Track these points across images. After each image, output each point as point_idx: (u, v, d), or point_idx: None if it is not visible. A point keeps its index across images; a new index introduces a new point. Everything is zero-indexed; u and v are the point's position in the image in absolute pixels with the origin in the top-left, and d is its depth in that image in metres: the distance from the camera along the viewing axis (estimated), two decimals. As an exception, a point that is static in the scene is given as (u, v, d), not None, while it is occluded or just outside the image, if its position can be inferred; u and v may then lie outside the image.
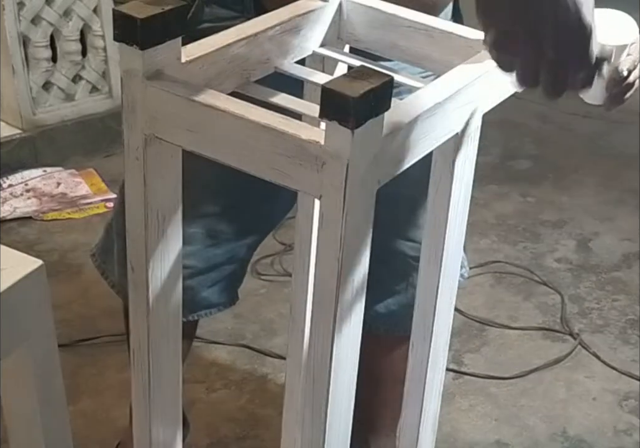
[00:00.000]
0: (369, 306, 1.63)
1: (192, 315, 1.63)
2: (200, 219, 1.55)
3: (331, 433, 1.16)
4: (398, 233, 1.59)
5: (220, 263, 1.61)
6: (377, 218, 1.06)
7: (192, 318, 1.64)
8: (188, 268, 1.55)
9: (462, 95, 1.10)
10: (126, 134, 1.09)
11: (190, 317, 1.63)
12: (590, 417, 2.16)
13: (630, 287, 2.58)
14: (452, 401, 2.17)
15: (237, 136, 1.00)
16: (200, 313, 1.65)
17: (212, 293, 1.63)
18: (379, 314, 1.67)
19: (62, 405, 1.18)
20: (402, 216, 1.57)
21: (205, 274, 1.60)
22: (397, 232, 1.59)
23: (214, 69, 1.12)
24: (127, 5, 1.01)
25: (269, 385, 2.19)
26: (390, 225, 1.53)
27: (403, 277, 1.63)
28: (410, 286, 1.59)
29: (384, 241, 1.50)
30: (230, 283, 1.65)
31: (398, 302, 1.65)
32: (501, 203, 2.94)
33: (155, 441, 1.32)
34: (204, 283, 1.61)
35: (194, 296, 1.60)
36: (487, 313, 2.46)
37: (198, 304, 1.63)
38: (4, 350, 1.03)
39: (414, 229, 1.58)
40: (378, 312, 1.67)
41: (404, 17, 1.23)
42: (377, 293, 1.57)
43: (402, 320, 1.51)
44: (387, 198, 1.17)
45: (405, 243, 1.60)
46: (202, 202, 1.53)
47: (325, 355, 1.09)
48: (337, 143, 0.94)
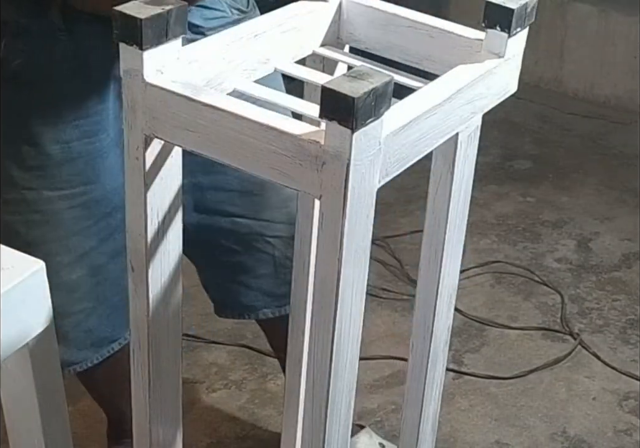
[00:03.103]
0: (249, 295, 1.66)
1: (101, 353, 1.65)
2: (79, 262, 1.54)
3: (331, 433, 1.16)
4: (254, 216, 1.59)
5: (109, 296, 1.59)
6: (229, 207, 1.04)
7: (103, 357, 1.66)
8: (81, 312, 1.57)
9: (462, 95, 1.10)
10: (126, 134, 1.09)
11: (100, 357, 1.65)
12: (590, 417, 2.16)
13: (630, 287, 2.58)
14: (452, 401, 2.17)
15: (237, 136, 1.00)
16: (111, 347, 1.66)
17: (113, 327, 1.64)
18: (257, 299, 1.69)
19: (62, 405, 1.18)
20: (251, 197, 1.58)
21: (99, 310, 1.60)
22: (253, 215, 1.59)
23: (214, 69, 1.12)
24: (127, 5, 1.01)
25: (269, 385, 2.19)
26: (240, 208, 1.56)
27: (267, 260, 1.63)
28: (279, 266, 1.60)
29: (237, 225, 1.56)
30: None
31: (272, 284, 1.66)
32: (501, 203, 2.94)
33: (155, 441, 1.32)
34: (99, 321, 1.61)
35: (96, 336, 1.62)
36: (487, 313, 2.46)
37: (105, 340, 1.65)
38: (4, 350, 1.03)
39: (265, 210, 1.58)
40: (257, 298, 1.68)
41: (404, 17, 1.23)
42: (249, 281, 1.64)
43: (282, 298, 1.54)
44: (226, 183, 1.17)
45: (260, 224, 1.60)
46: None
47: (325, 355, 1.09)
48: (337, 143, 0.94)
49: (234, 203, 1.57)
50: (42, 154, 1.44)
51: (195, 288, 2.19)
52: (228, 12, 1.48)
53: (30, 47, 1.35)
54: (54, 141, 1.43)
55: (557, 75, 3.59)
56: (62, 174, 1.46)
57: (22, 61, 1.36)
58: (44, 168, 1.45)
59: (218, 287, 1.71)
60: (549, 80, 3.60)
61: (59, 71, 1.37)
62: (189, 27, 1.41)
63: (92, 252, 1.52)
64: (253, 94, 1.14)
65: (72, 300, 1.56)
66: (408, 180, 2.78)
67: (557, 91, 3.58)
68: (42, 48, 1.36)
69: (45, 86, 1.39)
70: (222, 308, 1.75)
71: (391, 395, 2.17)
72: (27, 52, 1.35)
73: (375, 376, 2.23)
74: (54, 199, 1.47)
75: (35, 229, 1.49)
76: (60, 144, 1.43)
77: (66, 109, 1.40)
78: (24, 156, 1.44)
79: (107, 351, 1.65)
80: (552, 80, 3.59)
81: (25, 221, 1.49)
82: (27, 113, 1.41)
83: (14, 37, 1.34)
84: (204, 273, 1.73)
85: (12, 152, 1.44)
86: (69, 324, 1.58)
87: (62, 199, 1.47)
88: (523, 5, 1.13)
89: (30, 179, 1.46)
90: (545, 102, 3.49)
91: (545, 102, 3.49)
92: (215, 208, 1.56)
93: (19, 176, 1.45)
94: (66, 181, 1.46)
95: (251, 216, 1.59)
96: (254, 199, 1.57)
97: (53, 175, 1.46)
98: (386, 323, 2.40)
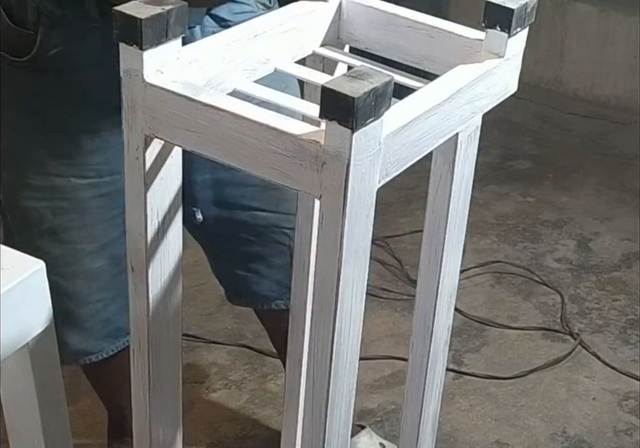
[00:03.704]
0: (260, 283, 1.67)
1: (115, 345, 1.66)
2: (103, 251, 1.56)
3: (331, 433, 1.16)
4: (273, 209, 1.61)
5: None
6: (249, 201, 1.04)
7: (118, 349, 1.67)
8: (99, 301, 1.59)
9: (462, 95, 1.10)
10: (126, 134, 1.09)
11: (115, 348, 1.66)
12: (590, 417, 2.16)
13: (630, 287, 2.58)
14: (452, 401, 2.17)
15: (237, 136, 1.00)
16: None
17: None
18: (271, 289, 1.70)
19: (62, 405, 1.18)
20: (270, 192, 1.58)
21: (118, 301, 1.60)
22: (272, 208, 1.61)
23: (214, 69, 1.12)
24: (127, 5, 1.01)
25: (269, 385, 2.19)
26: (260, 202, 1.58)
27: (283, 250, 1.65)
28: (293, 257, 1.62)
29: (257, 218, 1.57)
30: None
31: (285, 275, 1.66)
32: (501, 203, 2.94)
33: (155, 441, 1.32)
34: (117, 311, 1.62)
35: (113, 326, 1.63)
36: (487, 313, 2.46)
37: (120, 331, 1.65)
38: (4, 350, 1.03)
39: (283, 203, 1.59)
40: (271, 288, 1.70)
41: (404, 17, 1.23)
42: (264, 271, 1.65)
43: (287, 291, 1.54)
44: (248, 178, 1.19)
45: (279, 216, 1.61)
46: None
47: (325, 355, 1.09)
48: (337, 143, 0.94)
49: (254, 197, 1.58)
50: (72, 143, 1.46)
51: (195, 288, 2.19)
52: (254, 7, 1.50)
53: (64, 38, 1.38)
54: (84, 130, 1.46)
55: (557, 75, 3.59)
56: (90, 163, 1.48)
57: (56, 52, 1.38)
58: (73, 156, 1.47)
59: (232, 275, 1.72)
60: (549, 80, 3.60)
61: (89, 61, 1.40)
62: (217, 20, 1.43)
63: (115, 242, 1.53)
64: (253, 94, 1.14)
65: (92, 289, 1.58)
66: (408, 180, 2.79)
67: (557, 91, 3.58)
68: (75, 39, 1.38)
69: (77, 75, 1.41)
70: (235, 295, 1.76)
71: (391, 395, 2.17)
72: (60, 43, 1.38)
73: (375, 376, 2.23)
74: (81, 187, 1.49)
75: (62, 216, 1.52)
76: (90, 133, 1.46)
77: (96, 99, 1.41)
78: (55, 143, 1.47)
79: (123, 343, 1.66)
80: (552, 80, 3.59)
81: (52, 208, 1.51)
82: (58, 102, 1.43)
83: (49, 28, 1.37)
84: (217, 261, 1.73)
85: (42, 140, 1.46)
86: (86, 313, 1.59)
87: (89, 188, 1.50)
88: (523, 5, 1.13)
89: (60, 167, 1.48)
90: (545, 102, 3.49)
91: (545, 102, 3.49)
92: (235, 203, 1.58)
93: (49, 163, 1.48)
94: (94, 170, 1.49)
95: (270, 209, 1.60)
96: (273, 194, 1.58)
97: (82, 163, 1.48)
98: (386, 323, 2.39)
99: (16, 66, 1.40)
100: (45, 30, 1.36)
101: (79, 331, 1.61)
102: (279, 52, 1.20)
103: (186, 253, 1.28)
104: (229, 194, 1.57)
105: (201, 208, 1.56)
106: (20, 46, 1.39)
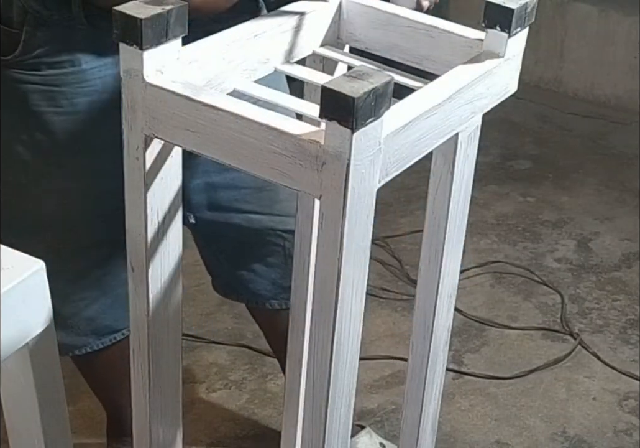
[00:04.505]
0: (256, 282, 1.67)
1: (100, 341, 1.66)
2: (87, 252, 1.56)
3: (331, 433, 1.16)
4: (267, 211, 1.61)
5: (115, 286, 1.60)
6: (242, 204, 1.03)
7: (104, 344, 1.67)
8: (82, 300, 1.59)
9: (462, 95, 1.10)
10: (126, 134, 1.09)
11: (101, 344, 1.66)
12: (590, 417, 2.16)
13: (630, 287, 2.57)
14: (452, 401, 2.17)
15: (237, 136, 1.00)
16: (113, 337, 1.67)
17: (115, 317, 1.65)
18: (266, 288, 1.70)
19: (62, 405, 1.18)
20: (263, 193, 1.59)
21: (102, 300, 1.61)
22: (266, 210, 1.61)
23: (214, 69, 1.12)
24: (127, 5, 1.01)
25: (269, 385, 2.19)
26: (254, 205, 1.58)
27: (278, 251, 1.65)
28: (288, 257, 1.62)
29: (251, 221, 1.58)
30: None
31: (280, 275, 1.67)
32: (501, 203, 2.93)
33: (155, 441, 1.32)
34: (102, 310, 1.62)
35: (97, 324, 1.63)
36: (487, 313, 2.46)
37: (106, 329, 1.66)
38: (4, 350, 1.03)
39: (277, 204, 1.60)
40: (266, 287, 1.70)
41: (404, 17, 1.23)
42: (260, 270, 1.65)
43: (289, 291, 1.54)
44: (240, 181, 1.16)
45: (272, 218, 1.62)
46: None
47: (325, 355, 1.09)
48: (337, 143, 0.94)
49: (247, 200, 1.58)
50: (57, 143, 1.45)
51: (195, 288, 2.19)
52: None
53: (49, 38, 1.37)
54: (70, 131, 1.44)
55: (557, 75, 3.58)
56: (75, 164, 1.47)
57: (40, 51, 1.37)
58: (58, 157, 1.46)
59: (227, 273, 1.72)
60: (549, 80, 3.59)
61: (74, 62, 1.39)
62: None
63: (101, 244, 1.53)
64: (253, 94, 1.14)
65: (76, 288, 1.58)
66: (408, 180, 2.79)
67: (557, 91, 3.58)
68: (60, 39, 1.37)
69: (61, 76, 1.40)
70: (229, 291, 1.76)
71: (391, 395, 2.17)
72: (45, 43, 1.37)
73: (375, 376, 2.23)
74: (66, 188, 1.49)
75: (46, 216, 1.51)
76: (75, 134, 1.44)
77: (81, 100, 1.41)
78: (40, 143, 1.45)
79: (110, 340, 1.66)
80: (552, 80, 3.59)
81: (36, 207, 1.51)
82: (43, 102, 1.42)
83: (34, 28, 1.36)
84: (211, 260, 1.73)
85: (25, 139, 1.45)
86: (69, 311, 1.59)
87: (74, 189, 1.49)
88: (523, 5, 1.13)
89: (45, 167, 1.47)
90: (545, 102, 3.49)
91: (545, 102, 3.49)
92: (229, 206, 1.58)
93: (33, 162, 1.47)
94: (79, 170, 1.48)
95: (264, 211, 1.60)
96: (266, 195, 1.58)
97: (67, 164, 1.47)
98: (386, 323, 2.39)
99: (2, 65, 1.39)
100: (30, 30, 1.35)
101: (63, 328, 1.61)
102: (279, 52, 1.20)
103: (186, 253, 1.28)
104: (222, 197, 1.56)
105: (195, 212, 1.56)
106: (5, 45, 1.38)
